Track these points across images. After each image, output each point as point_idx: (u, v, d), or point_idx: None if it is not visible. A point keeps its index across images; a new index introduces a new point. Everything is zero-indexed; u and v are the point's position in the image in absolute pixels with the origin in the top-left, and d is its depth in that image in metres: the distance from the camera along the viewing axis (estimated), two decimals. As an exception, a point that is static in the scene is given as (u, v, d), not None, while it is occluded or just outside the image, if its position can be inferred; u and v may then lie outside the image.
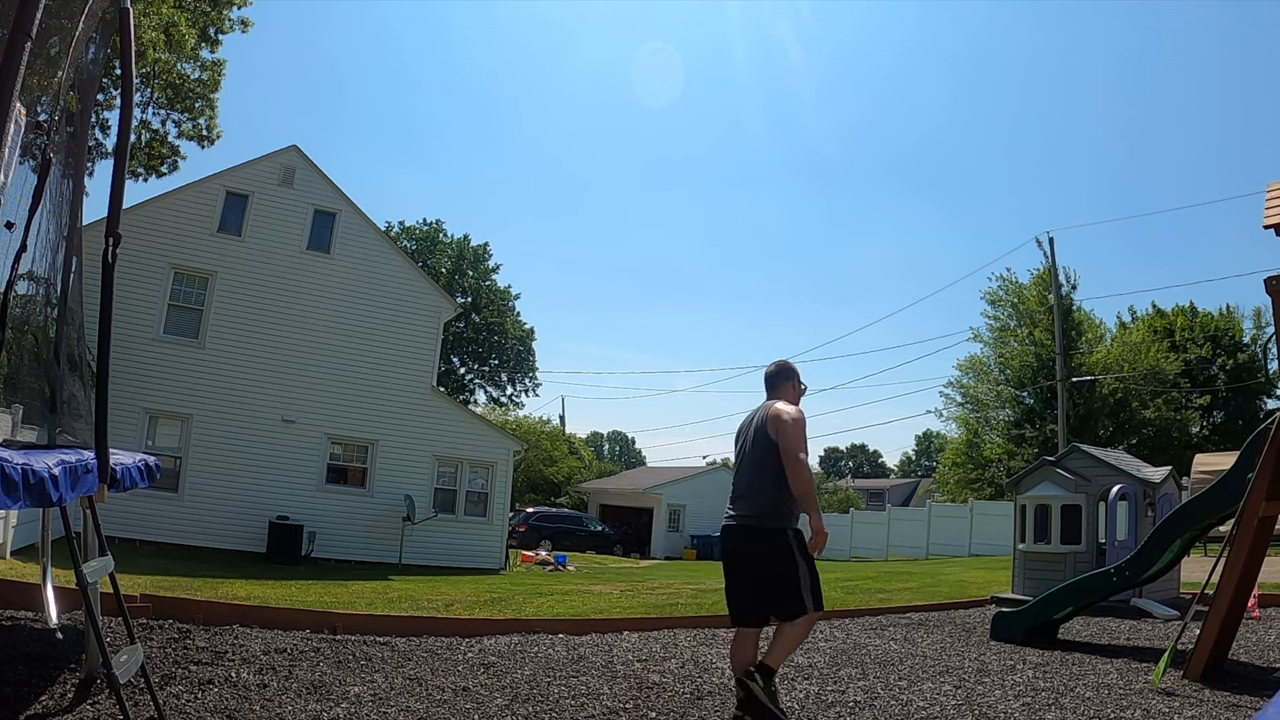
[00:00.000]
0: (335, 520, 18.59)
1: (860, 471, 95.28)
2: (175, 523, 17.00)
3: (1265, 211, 6.46)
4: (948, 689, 5.87)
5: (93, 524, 3.87)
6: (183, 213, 18.53)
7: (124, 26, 3.37)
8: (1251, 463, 6.57)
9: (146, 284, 17.60)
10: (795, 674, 6.27)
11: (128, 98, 3.42)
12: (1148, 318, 38.85)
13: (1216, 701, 5.55)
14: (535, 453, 41.98)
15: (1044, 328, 35.09)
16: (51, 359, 3.68)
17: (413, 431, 19.92)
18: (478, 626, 7.97)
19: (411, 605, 9.36)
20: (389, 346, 19.94)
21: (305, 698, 4.74)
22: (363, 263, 20.13)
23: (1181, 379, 34.82)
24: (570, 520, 36.55)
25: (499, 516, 20.77)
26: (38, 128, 3.42)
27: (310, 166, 20.05)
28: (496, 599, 10.50)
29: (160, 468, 4.71)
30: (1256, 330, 36.59)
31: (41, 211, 3.35)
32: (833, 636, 8.38)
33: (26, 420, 3.64)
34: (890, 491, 55.80)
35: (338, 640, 6.66)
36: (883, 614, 10.47)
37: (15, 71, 2.46)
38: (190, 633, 6.29)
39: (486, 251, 49.24)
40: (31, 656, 4.85)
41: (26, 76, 2.51)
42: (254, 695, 4.67)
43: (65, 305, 3.79)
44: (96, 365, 3.30)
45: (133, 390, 16.59)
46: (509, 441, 21.99)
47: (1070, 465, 12.32)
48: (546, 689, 5.48)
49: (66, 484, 2.93)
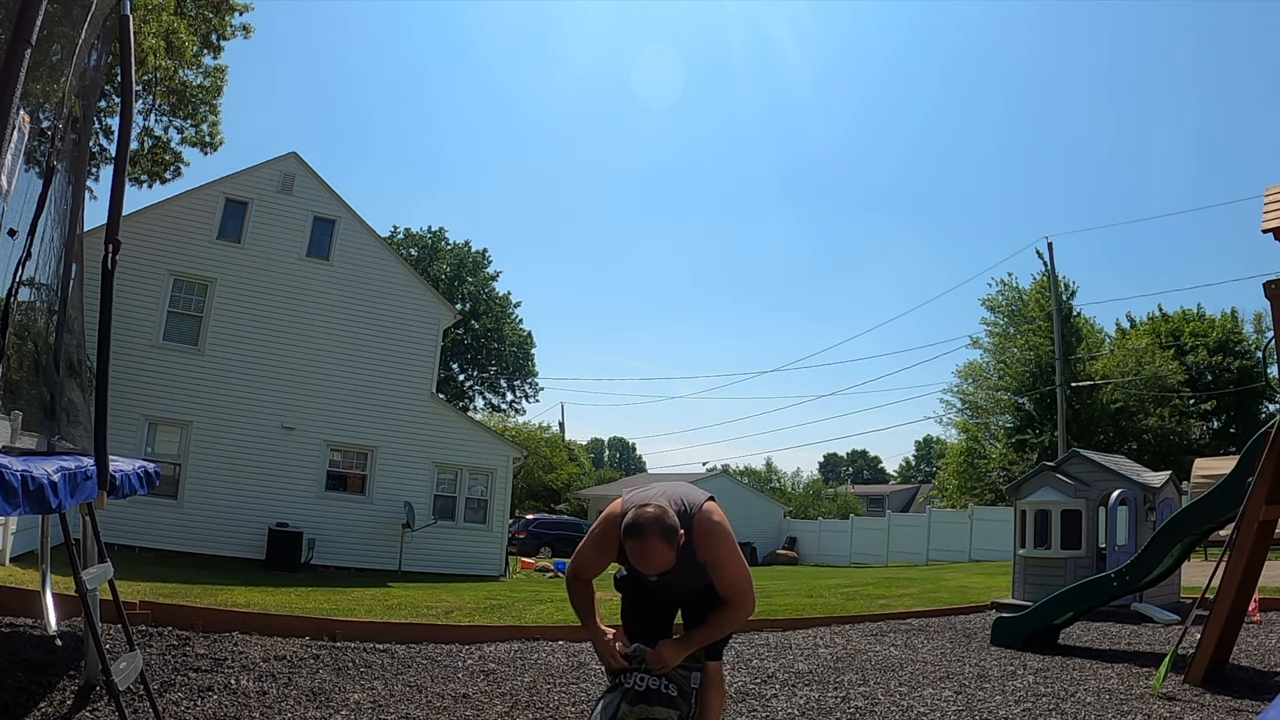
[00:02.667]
0: (335, 527, 18.57)
1: (860, 477, 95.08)
2: (175, 529, 16.97)
3: (1264, 216, 6.47)
4: (948, 694, 5.85)
5: (92, 530, 3.87)
6: (182, 219, 18.55)
7: (124, 33, 3.39)
8: (1251, 467, 6.56)
9: (146, 290, 17.61)
10: (796, 680, 6.26)
11: (128, 104, 3.43)
12: (1151, 322, 38.86)
13: (1218, 706, 5.55)
14: (535, 460, 41.94)
15: (1043, 333, 35.13)
16: (51, 365, 3.68)
17: (412, 438, 19.90)
18: (478, 633, 7.96)
19: (411, 612, 9.35)
20: (388, 353, 19.94)
21: (305, 705, 4.74)
22: (362, 269, 20.14)
23: (1183, 387, 34.80)
24: (570, 527, 36.46)
25: (499, 523, 20.75)
26: (42, 135, 3.43)
27: (310, 173, 20.07)
28: (496, 606, 10.49)
29: (159, 474, 4.71)
30: (1257, 335, 36.61)
31: (45, 218, 3.35)
32: (833, 642, 8.37)
33: (26, 427, 3.64)
34: (890, 497, 55.75)
35: (337, 647, 6.64)
36: (883, 620, 10.45)
37: (16, 78, 2.47)
38: (190, 640, 6.27)
39: (486, 258, 49.27)
40: (31, 663, 4.84)
41: (29, 83, 2.52)
42: (253, 702, 4.67)
43: (65, 312, 3.79)
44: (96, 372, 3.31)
45: (132, 397, 16.58)
46: (508, 448, 21.98)
47: (1070, 470, 12.32)
48: (546, 696, 5.47)
49: (66, 490, 2.93)
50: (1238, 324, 37.22)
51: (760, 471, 67.15)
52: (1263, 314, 35.95)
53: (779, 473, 70.23)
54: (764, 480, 63.95)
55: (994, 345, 39.44)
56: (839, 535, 38.23)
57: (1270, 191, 6.62)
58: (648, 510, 3.03)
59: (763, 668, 6.77)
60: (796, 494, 58.72)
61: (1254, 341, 36.66)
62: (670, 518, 3.03)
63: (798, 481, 68.60)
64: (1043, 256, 33.83)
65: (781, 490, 60.55)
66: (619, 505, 3.26)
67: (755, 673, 6.53)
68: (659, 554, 2.99)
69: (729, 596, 3.24)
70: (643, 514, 3.02)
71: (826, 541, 38.32)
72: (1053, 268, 32.64)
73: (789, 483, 67.82)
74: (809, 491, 59.86)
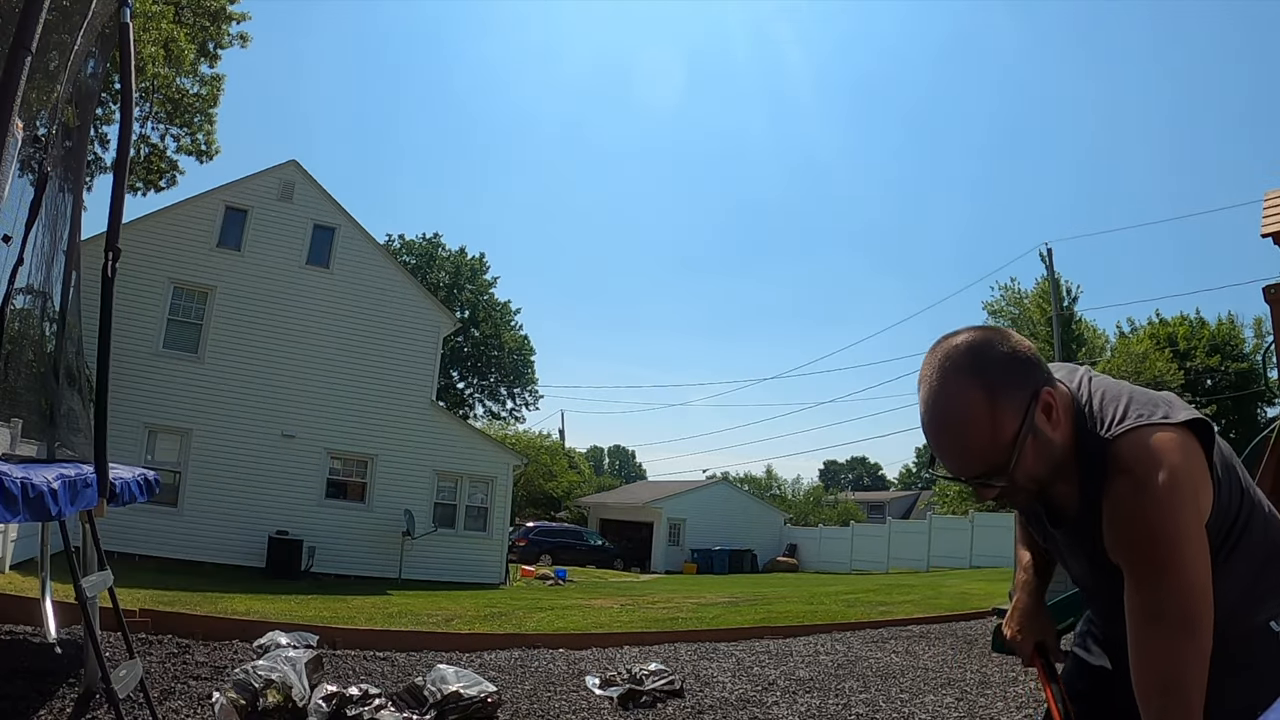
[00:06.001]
0: (335, 535, 18.54)
1: (860, 484, 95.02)
2: (175, 537, 16.95)
3: (1263, 220, 6.48)
4: (949, 701, 5.84)
5: (92, 538, 3.86)
6: (182, 227, 18.58)
7: (124, 41, 3.38)
8: (1252, 471, 6.56)
9: (146, 299, 17.62)
10: (797, 687, 6.25)
11: (127, 112, 3.43)
12: (1150, 326, 38.89)
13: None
14: (535, 467, 41.88)
15: (1045, 338, 35.13)
16: (50, 373, 3.68)
17: (412, 446, 19.90)
18: (478, 641, 7.95)
19: (411, 620, 9.34)
20: (388, 361, 19.94)
21: (304, 713, 4.72)
22: (362, 277, 20.16)
23: (1183, 391, 34.80)
24: (570, 535, 36.46)
25: (499, 531, 20.74)
26: (35, 142, 3.43)
27: (309, 181, 20.11)
28: (496, 614, 10.47)
29: (159, 482, 4.70)
30: (1257, 339, 36.63)
31: (38, 225, 3.35)
32: (834, 649, 8.35)
33: (26, 434, 3.64)
34: (891, 504, 55.63)
35: (337, 655, 6.63)
36: (884, 626, 10.43)
37: (15, 86, 2.47)
38: (190, 648, 6.26)
39: (484, 264, 49.22)
40: (30, 671, 4.83)
41: (25, 91, 2.52)
42: (253, 710, 4.65)
43: (64, 320, 3.79)
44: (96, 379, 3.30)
45: (132, 405, 16.57)
46: (508, 456, 21.97)
47: (1071, 476, 12.30)
48: (547, 703, 5.46)
49: (66, 498, 2.92)
50: (1236, 328, 37.28)
51: (760, 479, 67.15)
52: (1262, 318, 36.02)
53: (779, 480, 70.29)
54: (764, 487, 63.91)
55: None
56: (839, 542, 38.20)
57: (1269, 196, 6.64)
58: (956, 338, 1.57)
59: (764, 675, 6.75)
60: (797, 501, 58.72)
61: (1253, 345, 36.70)
62: (996, 351, 1.52)
63: (798, 488, 68.65)
64: (1044, 259, 33.84)
65: (782, 497, 60.54)
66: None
67: (756, 680, 6.52)
68: (952, 426, 1.53)
69: (1137, 615, 1.47)
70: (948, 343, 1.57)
71: (827, 548, 38.30)
72: (1052, 272, 32.69)
73: (789, 490, 67.85)
74: (809, 498, 59.83)
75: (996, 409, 1.49)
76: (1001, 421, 1.49)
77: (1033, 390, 1.51)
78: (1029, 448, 1.51)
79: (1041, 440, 1.53)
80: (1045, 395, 1.52)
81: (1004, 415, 1.49)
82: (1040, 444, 1.53)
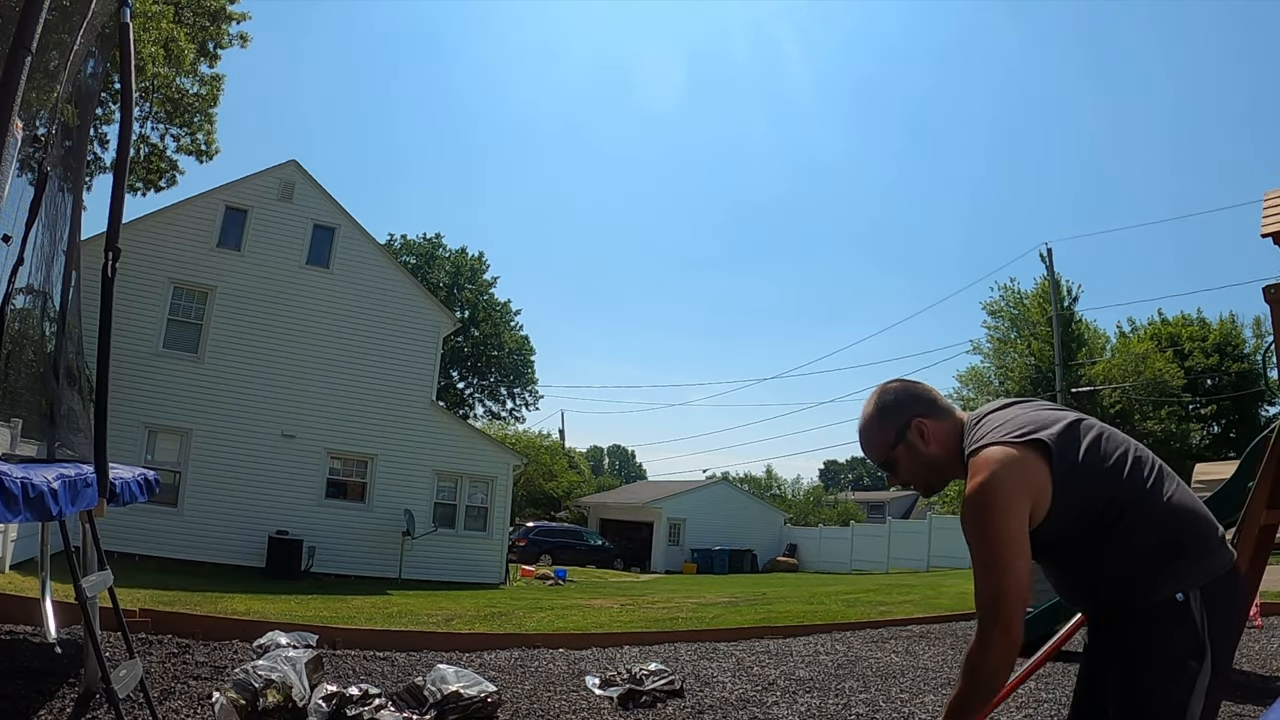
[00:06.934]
0: (335, 535, 18.54)
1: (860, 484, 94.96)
2: (175, 537, 16.95)
3: (1263, 220, 6.47)
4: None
5: (92, 538, 3.86)
6: (182, 227, 18.58)
7: (124, 41, 3.38)
8: (1252, 471, 6.55)
9: (146, 299, 17.62)
10: (797, 687, 6.25)
11: (127, 112, 3.43)
12: (1151, 326, 38.85)
13: (1219, 711, 5.52)
14: (535, 467, 41.87)
15: (1045, 338, 35.13)
16: (50, 373, 3.68)
17: (412, 446, 19.90)
18: (478, 641, 7.95)
19: (411, 620, 9.34)
20: (389, 361, 19.94)
21: (305, 713, 4.72)
22: (362, 277, 20.16)
23: (1183, 391, 34.78)
24: (570, 535, 36.45)
25: (499, 531, 20.74)
26: (35, 141, 3.43)
27: (309, 181, 20.11)
28: (496, 614, 10.47)
29: (159, 482, 4.70)
30: (1257, 339, 36.60)
31: (38, 225, 3.35)
32: (834, 649, 8.35)
33: (26, 434, 3.64)
34: (891, 504, 55.55)
35: (337, 655, 6.62)
36: (884, 626, 10.43)
37: (15, 86, 2.47)
38: (190, 647, 6.26)
39: (484, 264, 49.15)
40: (30, 671, 4.83)
41: (25, 90, 2.52)
42: (253, 710, 4.65)
43: (64, 319, 3.79)
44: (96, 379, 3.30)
45: (132, 405, 16.57)
46: (508, 456, 21.98)
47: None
48: (547, 703, 5.46)
49: (66, 498, 2.92)
50: (1237, 328, 37.24)
51: (760, 479, 67.08)
52: (1262, 318, 36.00)
53: (779, 480, 70.26)
54: (764, 487, 63.85)
55: (993, 350, 39.43)
56: (839, 542, 38.20)
57: (1269, 196, 6.63)
58: (883, 385, 2.30)
59: (764, 675, 6.75)
60: (797, 501, 58.68)
61: (1254, 345, 36.67)
62: (888, 395, 2.24)
63: (798, 488, 68.63)
64: (1044, 259, 33.86)
65: (782, 497, 60.49)
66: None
67: (756, 680, 6.52)
68: (867, 437, 2.29)
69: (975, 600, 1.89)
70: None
71: (827, 548, 38.29)
72: (1052, 272, 32.71)
73: (789, 490, 67.82)
74: (809, 498, 59.83)
75: (881, 426, 2.23)
76: (885, 434, 2.23)
77: (907, 419, 2.19)
78: (901, 453, 2.21)
79: (913, 450, 2.20)
80: (917, 423, 2.18)
81: (885, 431, 2.22)
82: (912, 452, 2.20)
